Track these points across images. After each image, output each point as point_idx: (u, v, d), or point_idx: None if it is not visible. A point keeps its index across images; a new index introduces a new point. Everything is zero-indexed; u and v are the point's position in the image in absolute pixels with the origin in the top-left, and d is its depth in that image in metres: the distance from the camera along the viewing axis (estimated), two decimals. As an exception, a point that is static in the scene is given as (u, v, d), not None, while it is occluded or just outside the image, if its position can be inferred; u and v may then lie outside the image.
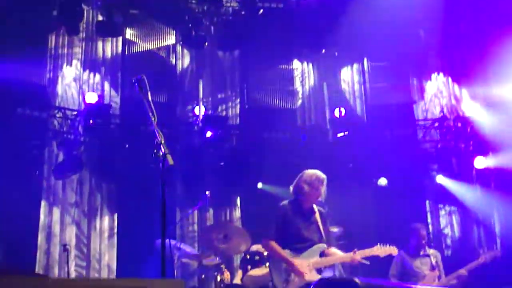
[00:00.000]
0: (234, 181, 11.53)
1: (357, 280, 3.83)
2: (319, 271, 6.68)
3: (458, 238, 11.47)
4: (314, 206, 6.92)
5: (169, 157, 4.51)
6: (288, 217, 6.74)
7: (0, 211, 9.20)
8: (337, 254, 6.87)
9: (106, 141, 10.93)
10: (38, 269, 9.79)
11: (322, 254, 6.73)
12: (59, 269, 10.03)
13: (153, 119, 4.75)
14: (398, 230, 9.59)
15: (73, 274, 9.72)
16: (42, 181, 10.50)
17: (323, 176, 6.83)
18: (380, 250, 6.83)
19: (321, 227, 6.81)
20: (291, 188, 6.97)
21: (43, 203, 10.42)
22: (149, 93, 4.87)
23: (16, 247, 9.26)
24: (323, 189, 6.77)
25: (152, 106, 4.77)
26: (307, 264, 6.54)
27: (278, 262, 6.63)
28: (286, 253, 6.61)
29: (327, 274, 6.66)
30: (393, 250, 6.90)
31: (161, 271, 4.27)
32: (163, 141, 4.61)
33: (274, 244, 6.65)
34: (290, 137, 11.81)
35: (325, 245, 6.76)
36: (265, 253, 8.62)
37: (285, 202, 6.94)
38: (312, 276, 6.47)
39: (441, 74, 12.18)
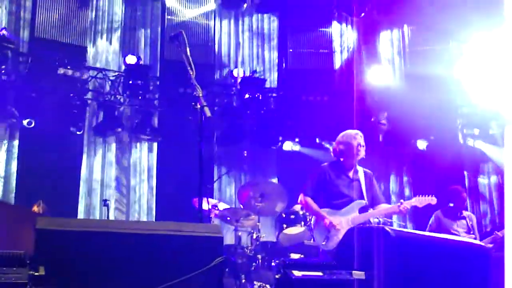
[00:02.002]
0: (270, 143, 11.71)
1: (387, 228, 3.86)
2: None
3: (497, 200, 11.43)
4: (360, 167, 6.81)
5: (206, 109, 4.64)
6: (327, 178, 6.66)
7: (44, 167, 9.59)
8: (379, 207, 6.80)
9: (145, 101, 11.30)
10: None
11: (362, 210, 6.64)
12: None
13: (191, 73, 4.87)
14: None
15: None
16: (83, 139, 10.84)
17: (354, 131, 6.75)
18: (419, 200, 6.87)
19: (363, 186, 6.71)
20: (331, 154, 6.98)
21: (84, 159, 10.80)
22: (187, 48, 4.98)
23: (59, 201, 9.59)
24: (357, 143, 6.67)
25: (191, 60, 4.88)
26: (345, 220, 6.48)
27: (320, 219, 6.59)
28: (325, 211, 6.57)
29: None
30: (431, 200, 6.89)
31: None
32: (201, 94, 4.75)
33: (309, 200, 6.67)
34: (327, 100, 11.76)
35: (364, 201, 6.63)
36: (301, 212, 8.71)
37: (325, 163, 6.90)
38: None
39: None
